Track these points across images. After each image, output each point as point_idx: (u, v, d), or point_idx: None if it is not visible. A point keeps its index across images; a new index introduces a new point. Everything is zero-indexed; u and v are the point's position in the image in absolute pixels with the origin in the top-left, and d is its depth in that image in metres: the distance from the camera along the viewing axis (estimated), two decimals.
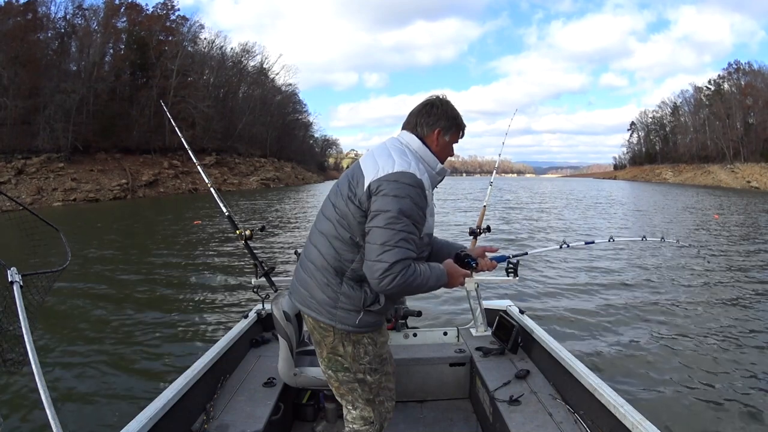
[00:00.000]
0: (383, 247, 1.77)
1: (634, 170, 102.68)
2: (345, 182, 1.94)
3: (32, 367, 1.57)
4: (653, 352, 5.56)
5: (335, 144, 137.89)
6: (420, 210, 1.85)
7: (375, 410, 2.10)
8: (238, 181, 57.19)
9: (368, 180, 1.84)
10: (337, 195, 1.94)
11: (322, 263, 1.94)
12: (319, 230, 1.99)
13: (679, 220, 20.48)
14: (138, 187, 43.43)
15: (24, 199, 33.78)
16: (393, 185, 1.80)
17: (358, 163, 1.97)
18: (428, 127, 1.99)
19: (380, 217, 1.79)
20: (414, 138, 1.98)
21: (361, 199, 1.84)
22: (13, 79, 36.45)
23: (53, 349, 5.60)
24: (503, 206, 28.11)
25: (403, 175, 1.82)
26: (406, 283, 1.80)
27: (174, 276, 9.92)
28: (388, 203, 1.78)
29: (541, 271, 9.92)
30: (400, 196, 1.79)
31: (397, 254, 1.77)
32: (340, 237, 1.90)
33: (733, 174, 66.68)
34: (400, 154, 1.91)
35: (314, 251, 1.98)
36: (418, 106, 2.05)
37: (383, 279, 1.77)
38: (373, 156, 1.94)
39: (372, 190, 1.82)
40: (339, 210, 1.91)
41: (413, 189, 1.82)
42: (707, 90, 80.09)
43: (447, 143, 2.04)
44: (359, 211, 1.85)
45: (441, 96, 2.06)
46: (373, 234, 1.80)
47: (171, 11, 55.39)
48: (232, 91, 63.53)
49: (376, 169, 1.85)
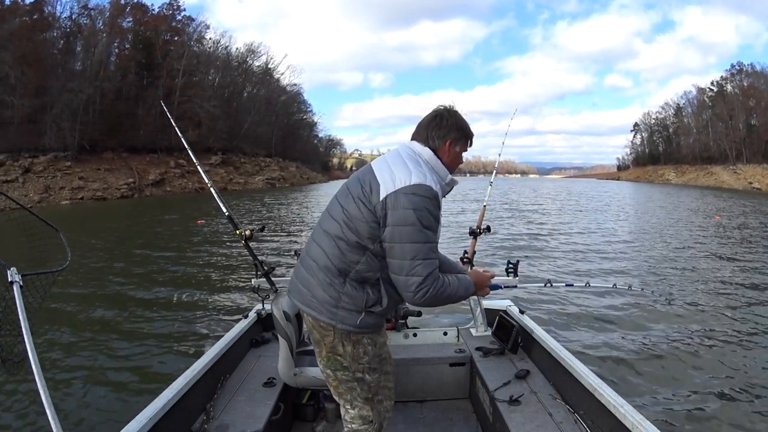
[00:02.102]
0: (414, 261, 1.83)
1: (637, 171, 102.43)
2: (356, 185, 1.95)
3: (32, 367, 1.58)
4: (653, 352, 5.54)
5: (339, 144, 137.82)
6: (436, 221, 1.90)
7: (374, 409, 2.10)
8: (244, 181, 57.37)
9: (385, 191, 1.86)
10: (348, 197, 1.95)
11: (326, 263, 1.94)
12: (325, 230, 1.99)
13: (677, 222, 20.41)
14: (145, 186, 43.64)
15: (32, 197, 34.06)
16: (411, 198, 1.83)
17: (371, 168, 1.98)
18: (439, 139, 2.01)
19: (403, 231, 1.83)
20: (426, 149, 2.01)
21: (376, 207, 1.86)
22: (20, 78, 36.63)
23: (53, 349, 5.60)
24: (502, 207, 28.04)
25: (420, 187, 1.85)
26: (438, 294, 1.88)
27: (174, 276, 9.93)
28: (409, 217, 1.82)
29: (540, 272, 9.90)
30: (418, 209, 1.83)
31: (429, 266, 1.85)
32: (346, 239, 1.91)
33: (735, 175, 66.44)
34: (415, 164, 1.93)
35: (318, 250, 1.98)
36: (427, 117, 2.06)
37: (418, 291, 1.85)
38: (387, 164, 1.95)
39: (389, 201, 1.84)
40: (348, 212, 1.92)
41: (430, 201, 1.86)
42: (710, 91, 79.87)
43: (457, 154, 2.07)
44: (372, 215, 1.87)
45: (449, 107, 2.07)
46: (399, 249, 1.84)
47: (177, 11, 55.63)
48: (237, 91, 63.69)
49: (393, 179, 1.87)
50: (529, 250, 12.56)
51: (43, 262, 2.04)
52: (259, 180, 59.99)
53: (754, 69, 72.07)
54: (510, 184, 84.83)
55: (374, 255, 1.90)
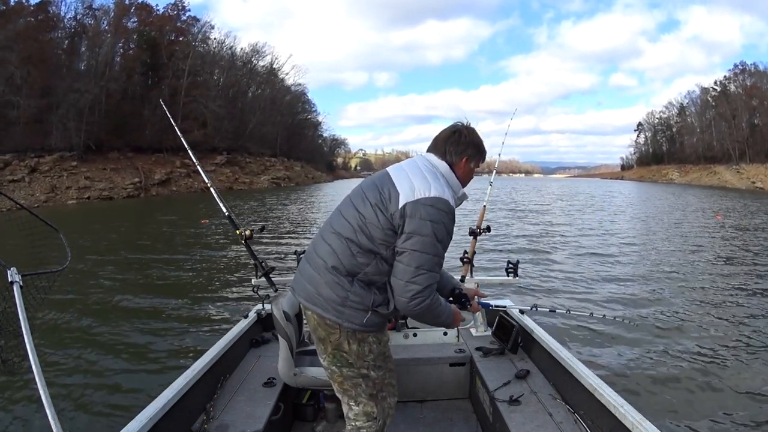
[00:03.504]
0: (418, 270, 1.88)
1: (641, 170, 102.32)
2: (373, 190, 1.97)
3: (32, 367, 1.58)
4: (654, 352, 5.53)
5: (343, 143, 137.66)
6: (450, 235, 1.95)
7: (378, 405, 2.12)
8: (250, 180, 57.61)
9: (404, 199, 1.89)
10: (364, 201, 1.97)
11: (335, 263, 1.95)
12: (336, 230, 2.00)
13: (677, 224, 20.32)
14: (151, 185, 43.88)
15: (38, 196, 34.30)
16: (430, 210, 1.87)
17: (388, 175, 2.01)
18: (457, 155, 2.06)
19: (416, 240, 1.87)
20: (443, 163, 2.05)
21: (393, 215, 1.89)
22: (26, 78, 36.80)
23: (53, 349, 5.60)
24: (506, 208, 27.91)
25: (438, 200, 1.89)
26: (431, 308, 1.95)
27: (174, 275, 9.95)
28: (425, 228, 1.86)
29: (541, 272, 9.90)
30: (435, 222, 1.87)
31: (429, 278, 1.90)
32: (358, 242, 1.93)
33: (738, 175, 66.37)
34: (434, 177, 1.97)
35: (327, 249, 1.99)
36: (446, 132, 2.10)
37: (413, 299, 1.90)
38: (406, 173, 1.98)
39: (408, 210, 1.87)
40: (364, 217, 1.94)
41: (447, 215, 1.91)
42: (713, 91, 79.69)
43: (471, 169, 2.13)
44: (389, 223, 1.90)
45: (467, 124, 2.12)
46: (408, 256, 1.88)
47: (182, 12, 55.82)
48: (242, 91, 63.83)
49: (413, 189, 1.90)
50: (529, 252, 12.46)
51: (43, 262, 2.04)
52: (264, 180, 60.17)
53: (757, 69, 71.98)
54: (514, 183, 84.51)
55: (384, 260, 1.93)
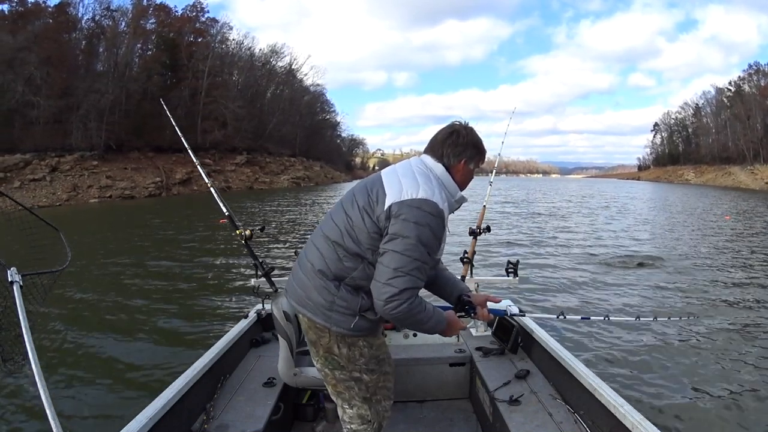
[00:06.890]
0: (396, 272, 1.79)
1: (657, 171, 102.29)
2: (363, 193, 1.94)
3: (32, 367, 1.59)
4: (654, 352, 5.50)
5: (362, 143, 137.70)
6: (437, 240, 1.87)
7: (372, 408, 2.10)
8: (270, 180, 58.05)
9: (390, 200, 1.84)
10: (353, 204, 1.94)
11: (322, 266, 1.94)
12: (325, 234, 1.98)
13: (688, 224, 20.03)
14: (172, 184, 44.52)
15: (60, 195, 34.97)
16: (415, 212, 1.81)
17: (380, 177, 1.97)
18: (455, 157, 1.99)
19: (398, 241, 1.80)
20: (438, 165, 1.98)
21: (379, 217, 1.85)
22: (45, 79, 37.51)
23: (53, 349, 5.63)
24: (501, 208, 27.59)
25: (425, 202, 1.83)
26: (410, 313, 1.84)
27: (174, 275, 9.98)
28: (408, 229, 1.80)
29: (541, 272, 9.88)
30: (420, 224, 1.80)
31: (407, 282, 1.80)
32: (345, 246, 1.90)
33: (753, 175, 65.86)
34: (425, 179, 1.91)
35: (315, 253, 1.98)
36: (442, 133, 2.03)
37: (389, 302, 1.80)
38: (396, 175, 1.94)
39: (393, 211, 1.83)
40: (351, 220, 1.91)
41: (434, 218, 1.83)
42: (728, 91, 78.96)
43: (470, 171, 2.05)
44: (375, 226, 1.86)
45: (464, 123, 2.06)
46: (388, 257, 1.81)
47: (201, 13, 56.43)
48: (261, 91, 64.26)
49: (400, 190, 1.86)
50: (531, 255, 12.29)
51: (44, 262, 2.06)
52: (284, 179, 60.56)
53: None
54: (527, 184, 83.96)
55: (371, 265, 1.89)
